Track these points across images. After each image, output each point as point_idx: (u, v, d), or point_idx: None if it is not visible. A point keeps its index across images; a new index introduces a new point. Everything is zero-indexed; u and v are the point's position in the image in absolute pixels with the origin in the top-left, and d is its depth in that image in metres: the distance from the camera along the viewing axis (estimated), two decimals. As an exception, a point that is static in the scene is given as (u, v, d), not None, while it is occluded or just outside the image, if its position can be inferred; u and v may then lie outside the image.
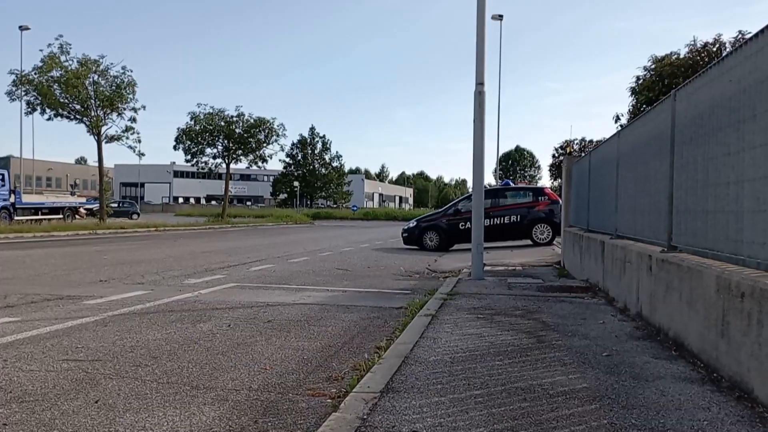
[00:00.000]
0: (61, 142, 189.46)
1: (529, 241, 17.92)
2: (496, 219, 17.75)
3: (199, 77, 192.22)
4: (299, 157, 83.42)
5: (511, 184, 21.64)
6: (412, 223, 19.19)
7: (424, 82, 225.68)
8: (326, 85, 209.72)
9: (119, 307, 6.99)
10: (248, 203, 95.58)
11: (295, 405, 3.65)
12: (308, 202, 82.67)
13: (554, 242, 17.87)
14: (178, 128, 38.14)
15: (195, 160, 39.01)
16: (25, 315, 6.46)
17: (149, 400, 3.70)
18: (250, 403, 3.68)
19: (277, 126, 39.51)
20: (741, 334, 3.56)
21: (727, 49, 18.15)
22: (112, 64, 28.01)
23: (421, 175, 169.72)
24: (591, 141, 34.22)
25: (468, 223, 17.67)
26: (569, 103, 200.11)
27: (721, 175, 4.13)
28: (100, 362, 4.59)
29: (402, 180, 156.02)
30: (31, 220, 29.24)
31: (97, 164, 29.88)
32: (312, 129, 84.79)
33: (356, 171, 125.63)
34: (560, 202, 18.31)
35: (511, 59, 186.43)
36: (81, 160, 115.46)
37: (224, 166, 39.65)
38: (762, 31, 3.55)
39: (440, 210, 20.06)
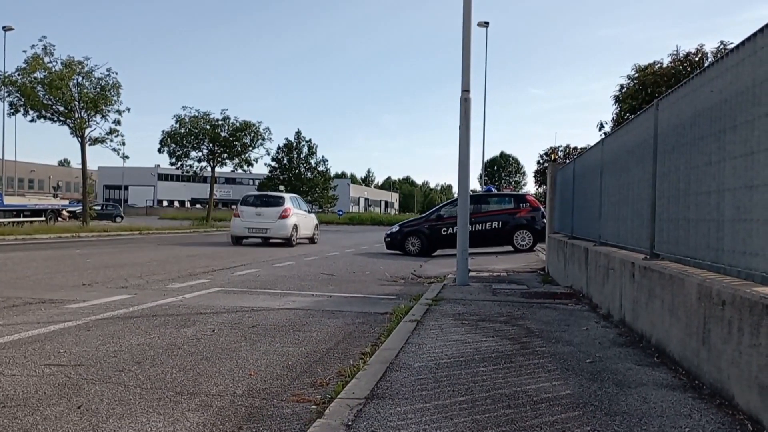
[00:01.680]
0: (44, 143, 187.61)
1: (510, 248, 18.01)
2: (478, 225, 17.82)
3: (185, 80, 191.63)
4: (285, 161, 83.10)
5: (493, 190, 21.72)
6: (395, 228, 19.32)
7: (410, 87, 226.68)
8: (313, 89, 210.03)
9: (102, 312, 6.93)
10: (233, 207, 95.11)
11: (279, 411, 3.64)
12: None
13: (535, 249, 18.01)
14: (162, 131, 37.92)
15: (180, 163, 38.77)
16: (7, 319, 6.38)
17: (132, 405, 3.67)
18: (234, 409, 3.66)
19: (263, 130, 39.42)
20: (722, 341, 3.60)
21: (710, 60, 18.36)
22: (96, 66, 27.84)
23: (407, 180, 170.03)
24: (575, 148, 34.46)
25: (450, 228, 17.91)
26: (554, 110, 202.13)
27: (702, 184, 4.19)
28: (83, 367, 4.55)
29: (388, 185, 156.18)
30: (13, 222, 28.86)
31: (80, 166, 29.64)
32: (298, 133, 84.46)
33: (342, 175, 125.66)
34: (542, 209, 18.56)
35: (497, 66, 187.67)
36: (64, 162, 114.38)
37: (209, 169, 39.46)
38: (742, 43, 3.61)
39: (423, 215, 20.25)
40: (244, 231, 20.83)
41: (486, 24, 35.33)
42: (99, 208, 46.13)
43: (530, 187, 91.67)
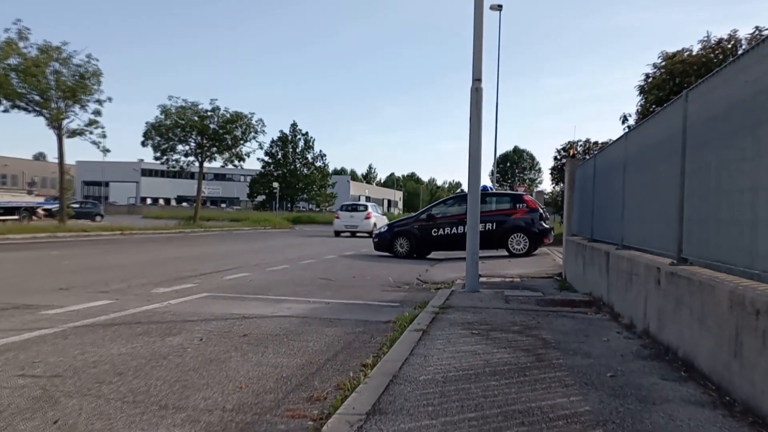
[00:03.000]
0: (18, 136, 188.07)
1: (505, 252, 17.98)
2: None
3: (171, 67, 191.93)
4: (279, 156, 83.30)
5: (489, 189, 21.55)
6: (384, 228, 19.62)
7: (416, 76, 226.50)
8: (310, 78, 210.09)
9: (81, 318, 6.95)
10: (223, 205, 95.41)
11: (273, 427, 3.64)
12: (289, 205, 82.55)
13: (534, 253, 18.02)
14: (146, 123, 37.92)
15: (165, 157, 38.77)
16: (-23, 326, 6.39)
17: (113, 420, 3.67)
18: (223, 424, 3.67)
19: (256, 122, 39.47)
20: (756, 353, 3.59)
21: (744, 47, 18.33)
22: (75, 51, 27.85)
23: (412, 177, 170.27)
24: (596, 143, 34.35)
25: (441, 229, 18.15)
26: (572, 101, 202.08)
27: (735, 182, 4.18)
28: (60, 378, 4.55)
29: (391, 182, 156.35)
30: (-16, 221, 28.96)
31: (57, 161, 29.67)
32: (293, 125, 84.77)
33: (341, 171, 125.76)
34: (540, 210, 18.60)
35: (510, 54, 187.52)
36: (40, 156, 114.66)
37: (197, 164, 39.49)
38: (780, 28, 3.60)
39: (413, 215, 20.40)
40: (342, 227, 33.57)
41: (499, 7, 35.25)
42: (77, 206, 46.14)
43: (546, 184, 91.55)
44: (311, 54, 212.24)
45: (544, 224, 18.31)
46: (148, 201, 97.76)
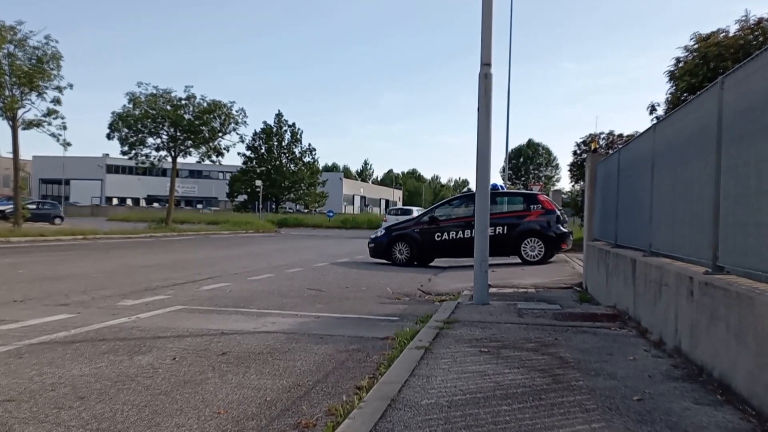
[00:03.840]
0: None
1: (517, 259, 17.94)
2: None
3: (140, 49, 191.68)
4: (263, 151, 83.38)
5: (499, 187, 21.46)
6: (380, 232, 19.62)
7: (417, 60, 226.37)
8: (297, 62, 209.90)
9: (38, 335, 6.94)
10: (199, 206, 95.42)
11: (255, 458, 3.64)
12: (273, 206, 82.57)
13: (550, 260, 17.98)
14: (112, 113, 37.91)
15: (133, 152, 38.74)
16: None
17: (74, 451, 3.67)
18: (199, 455, 3.66)
19: (236, 111, 39.50)
20: (800, 374, 3.60)
21: (786, 27, 18.35)
22: (31, 32, 27.82)
23: (413, 174, 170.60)
24: (620, 135, 34.40)
25: (446, 234, 18.14)
26: (593, 88, 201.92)
27: (777, 180, 4.18)
28: (14, 403, 4.55)
29: (389, 179, 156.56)
30: (-72, 224, 28.90)
31: (10, 156, 29.65)
32: (279, 116, 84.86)
33: (333, 168, 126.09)
34: (557, 211, 18.54)
35: (524, 35, 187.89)
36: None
37: (169, 159, 39.46)
38: (828, 7, 3.61)
39: (414, 217, 20.29)
40: None
41: (511, -17, 35.34)
42: (34, 206, 46.10)
43: (564, 183, 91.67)
44: (299, 36, 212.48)
45: (561, 228, 18.29)
46: (115, 201, 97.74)
